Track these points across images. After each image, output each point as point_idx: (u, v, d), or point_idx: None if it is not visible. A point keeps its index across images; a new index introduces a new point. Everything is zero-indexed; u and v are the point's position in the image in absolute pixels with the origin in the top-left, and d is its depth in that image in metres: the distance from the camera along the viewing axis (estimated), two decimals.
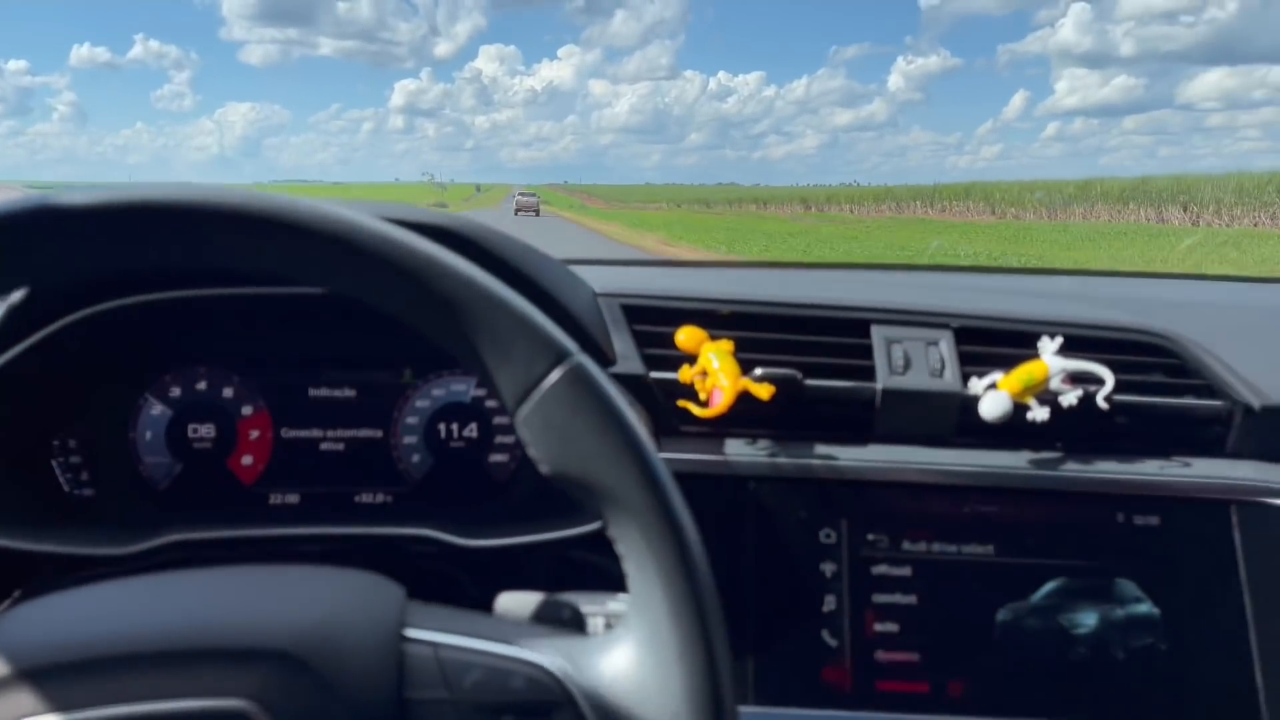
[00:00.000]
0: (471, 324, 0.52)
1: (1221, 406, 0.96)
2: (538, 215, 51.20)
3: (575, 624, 0.63)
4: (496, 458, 1.03)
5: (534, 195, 57.94)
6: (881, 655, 0.89)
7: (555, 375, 0.52)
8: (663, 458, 0.95)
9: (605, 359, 0.96)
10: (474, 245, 0.90)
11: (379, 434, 1.03)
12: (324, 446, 1.02)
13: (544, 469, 0.53)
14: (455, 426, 1.03)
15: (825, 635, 0.90)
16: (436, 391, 1.03)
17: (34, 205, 0.49)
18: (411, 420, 1.03)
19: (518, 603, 0.63)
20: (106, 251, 0.51)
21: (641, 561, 0.51)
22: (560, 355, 0.53)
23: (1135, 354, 0.98)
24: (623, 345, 0.98)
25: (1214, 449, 0.97)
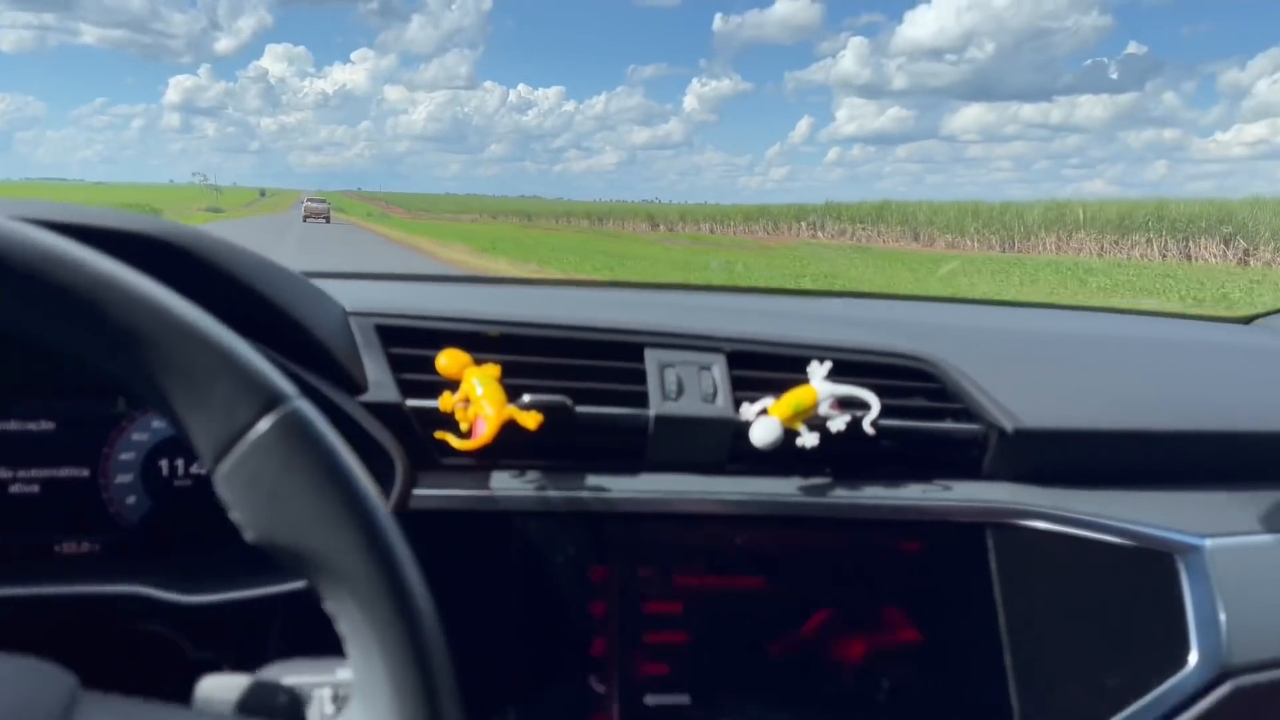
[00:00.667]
0: (159, 361, 0.43)
1: (978, 430, 0.99)
2: (328, 222, 48.40)
3: (293, 709, 0.53)
4: None
5: (324, 201, 54.04)
6: (650, 699, 0.85)
7: (264, 424, 0.44)
8: (420, 494, 0.86)
9: (355, 386, 0.87)
10: (191, 257, 0.78)
11: (85, 473, 0.88)
12: (14, 489, 0.86)
13: (249, 536, 0.45)
14: (180, 463, 0.90)
15: (593, 681, 0.84)
16: (156, 423, 0.90)
17: None
18: (126, 456, 0.89)
19: (221, 687, 0.52)
20: None
21: (365, 645, 0.45)
22: (271, 400, 0.45)
23: (900, 378, 0.99)
24: (375, 370, 0.89)
25: (972, 472, 0.99)
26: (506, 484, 0.88)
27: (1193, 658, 0.92)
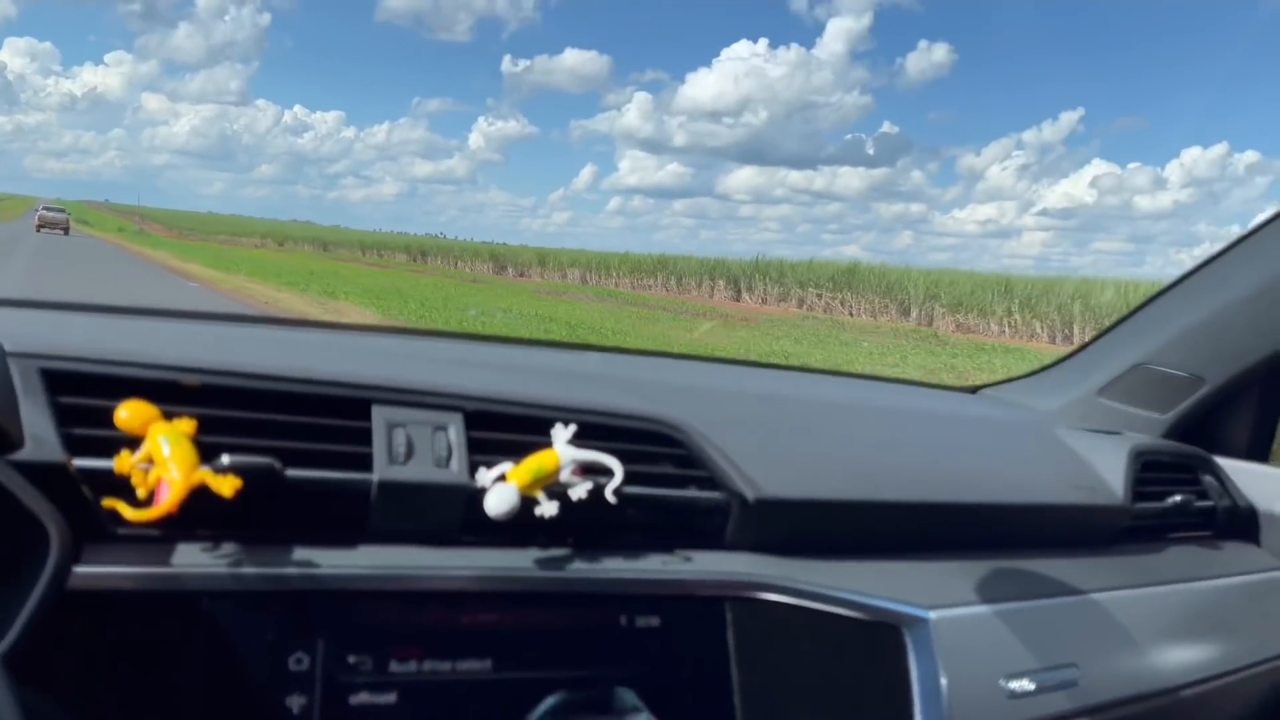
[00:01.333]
0: None
1: (721, 498, 0.97)
2: (66, 234, 43.27)
3: None
4: None
5: (63, 211, 47.34)
6: None
7: None
8: (82, 572, 0.71)
9: (6, 441, 0.72)
10: None
11: None
12: None
13: None
14: None
15: None
16: None
17: None
18: None
19: None
20: None
21: None
22: None
23: (645, 443, 0.96)
24: (36, 423, 0.74)
25: (714, 541, 0.97)
26: (194, 559, 0.76)
27: None
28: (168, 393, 0.80)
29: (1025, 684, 1.01)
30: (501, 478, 0.85)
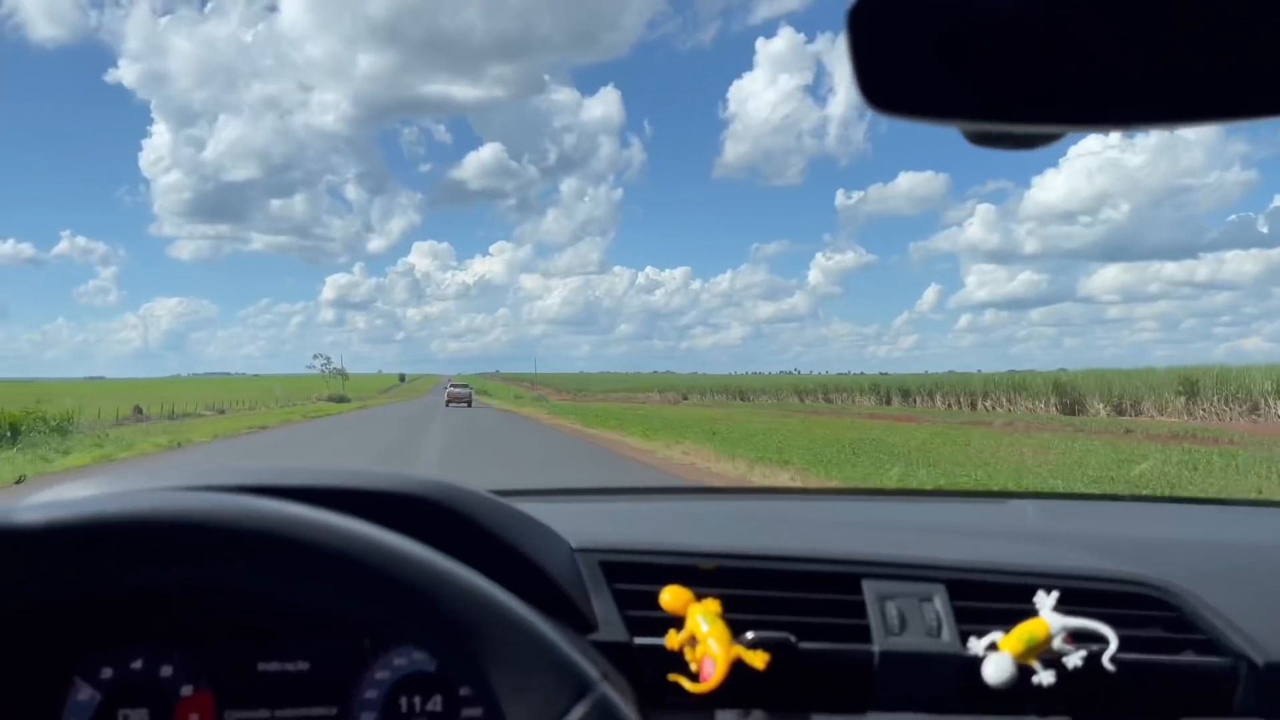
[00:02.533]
0: (484, 649, 0.48)
1: (1224, 663, 0.93)
2: (469, 406, 49.33)
3: None
4: None
5: (466, 386, 54.12)
6: None
7: (578, 712, 0.48)
8: None
9: (586, 624, 0.89)
10: (445, 510, 0.85)
11: (333, 711, 0.93)
12: None
13: None
14: (418, 700, 0.94)
15: None
16: (398, 660, 0.94)
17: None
18: (370, 694, 0.93)
19: None
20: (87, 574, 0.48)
21: None
22: (582, 688, 0.48)
23: (1133, 607, 0.95)
24: (604, 608, 0.92)
25: (1221, 709, 0.92)
26: None
27: None
28: (693, 574, 0.95)
29: None
30: (993, 646, 0.89)
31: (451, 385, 54.44)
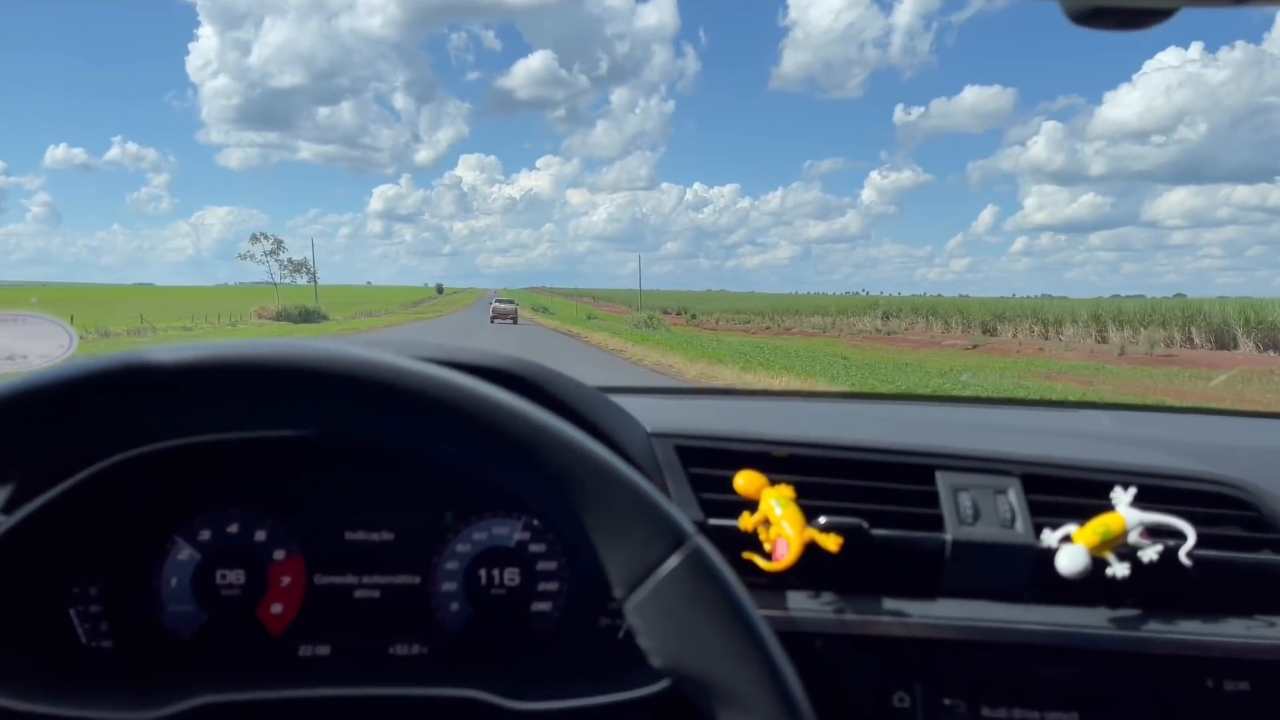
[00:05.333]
0: (585, 499, 0.49)
1: None
2: (515, 323, 47.60)
3: None
4: (539, 606, 0.97)
5: (511, 302, 51.82)
6: None
7: (674, 560, 0.48)
8: None
9: None
10: (530, 386, 0.86)
11: (416, 580, 0.96)
12: (358, 594, 0.95)
13: (655, 661, 0.49)
14: (497, 573, 0.97)
15: None
16: (478, 535, 0.98)
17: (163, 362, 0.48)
18: (451, 566, 0.97)
19: None
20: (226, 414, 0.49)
21: None
22: (679, 538, 0.49)
23: (1211, 505, 0.95)
24: (678, 490, 0.93)
25: None
26: (805, 605, 0.90)
27: None
28: (765, 462, 0.96)
29: None
30: (1067, 538, 0.90)
31: (497, 301, 53.35)
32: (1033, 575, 0.91)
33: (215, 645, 0.92)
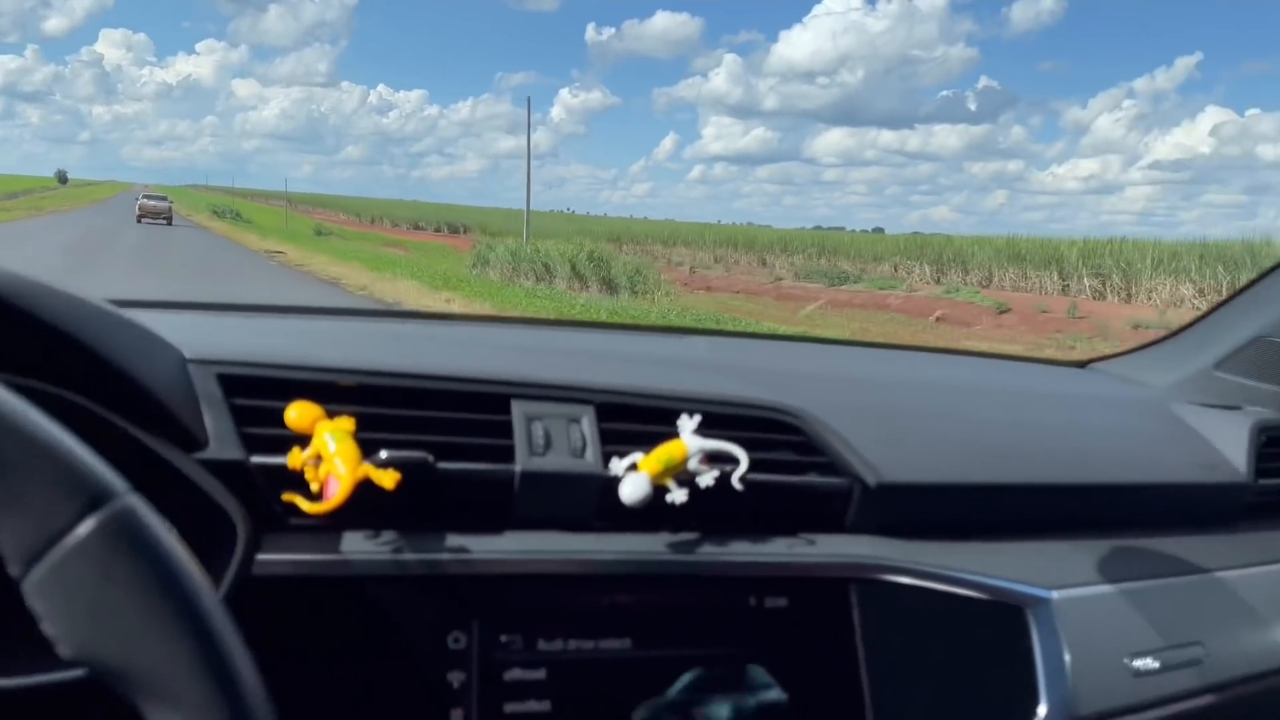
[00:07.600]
0: None
1: (841, 483, 1.00)
2: (170, 224, 41.24)
3: None
4: None
5: (164, 199, 45.05)
6: None
7: (85, 527, 0.39)
8: (264, 559, 0.78)
9: (194, 441, 0.79)
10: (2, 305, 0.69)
11: None
12: None
13: (62, 651, 0.41)
14: None
15: None
16: None
17: None
18: None
19: None
20: None
21: None
22: (95, 498, 0.40)
23: (766, 431, 0.99)
24: (217, 424, 0.82)
25: (835, 525, 1.00)
26: (359, 546, 0.83)
27: (1042, 709, 0.95)
28: (328, 392, 0.86)
29: (1149, 662, 1.02)
30: (633, 467, 0.90)
31: (144, 197, 46.31)
32: (601, 504, 0.91)
33: None
